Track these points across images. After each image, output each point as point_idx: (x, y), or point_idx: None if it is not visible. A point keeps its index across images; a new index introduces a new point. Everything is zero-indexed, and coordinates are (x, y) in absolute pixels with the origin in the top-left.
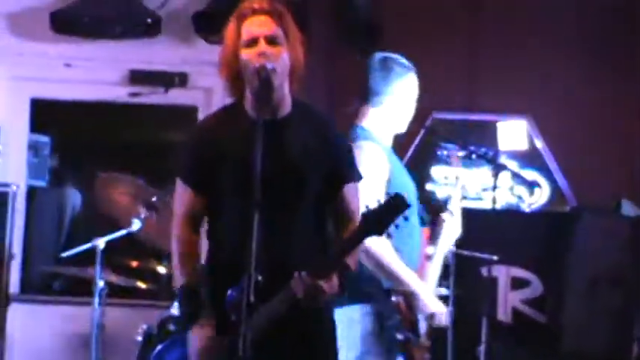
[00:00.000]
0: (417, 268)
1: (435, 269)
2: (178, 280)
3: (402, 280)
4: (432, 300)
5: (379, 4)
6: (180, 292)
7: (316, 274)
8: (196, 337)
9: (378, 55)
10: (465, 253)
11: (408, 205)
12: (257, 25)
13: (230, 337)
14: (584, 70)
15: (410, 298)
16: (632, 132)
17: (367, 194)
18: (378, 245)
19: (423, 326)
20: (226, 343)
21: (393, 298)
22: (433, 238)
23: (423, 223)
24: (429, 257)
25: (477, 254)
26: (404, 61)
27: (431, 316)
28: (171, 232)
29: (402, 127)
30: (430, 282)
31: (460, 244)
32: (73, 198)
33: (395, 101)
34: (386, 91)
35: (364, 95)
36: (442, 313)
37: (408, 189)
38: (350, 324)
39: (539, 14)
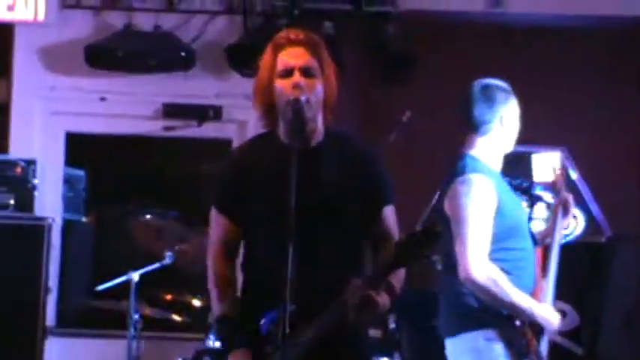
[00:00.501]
0: (533, 290)
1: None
2: (215, 310)
3: (515, 305)
4: (550, 315)
5: (411, 34)
6: (216, 321)
7: (370, 284)
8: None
9: (479, 84)
10: None
11: (438, 238)
12: (292, 56)
13: None
14: (616, 101)
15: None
16: None
17: (476, 230)
18: (484, 276)
19: (544, 348)
20: None
21: (517, 323)
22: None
23: (535, 242)
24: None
25: None
26: (504, 85)
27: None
28: (206, 262)
29: (510, 148)
30: (548, 296)
31: None
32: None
33: (502, 127)
34: (492, 118)
35: (470, 125)
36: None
37: (516, 215)
38: (477, 353)
39: (571, 47)
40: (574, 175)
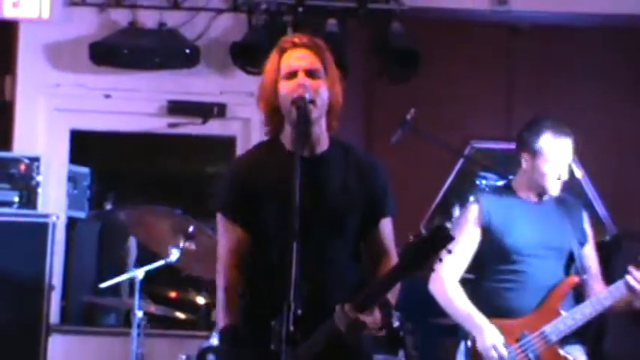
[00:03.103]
0: (521, 318)
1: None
2: (221, 319)
3: (458, 321)
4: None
5: (416, 31)
6: (222, 331)
7: (358, 308)
8: None
9: None
10: None
11: (450, 238)
12: (297, 59)
13: None
14: (617, 101)
15: None
16: None
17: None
18: (434, 291)
19: None
20: None
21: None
22: None
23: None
24: None
25: None
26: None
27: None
28: (210, 264)
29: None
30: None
31: None
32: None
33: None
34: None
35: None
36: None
37: (510, 239)
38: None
39: (576, 45)
40: (578, 173)
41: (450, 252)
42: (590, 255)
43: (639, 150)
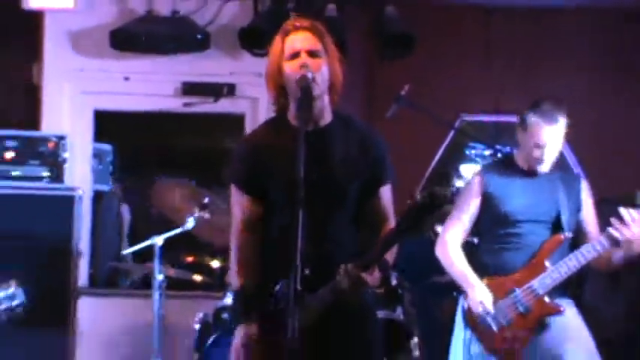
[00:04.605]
0: (512, 273)
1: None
2: (234, 283)
3: (456, 280)
4: (475, 296)
5: (411, 15)
6: (235, 294)
7: (360, 267)
8: (241, 334)
9: None
10: None
11: (445, 202)
12: (299, 41)
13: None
14: (601, 74)
15: None
16: None
17: (453, 216)
18: (439, 253)
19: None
20: (265, 347)
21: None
22: None
23: (561, 229)
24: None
25: None
26: None
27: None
28: (223, 231)
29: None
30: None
31: None
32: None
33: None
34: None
35: None
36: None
37: (505, 207)
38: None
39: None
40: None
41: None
42: (588, 220)
43: (616, 122)
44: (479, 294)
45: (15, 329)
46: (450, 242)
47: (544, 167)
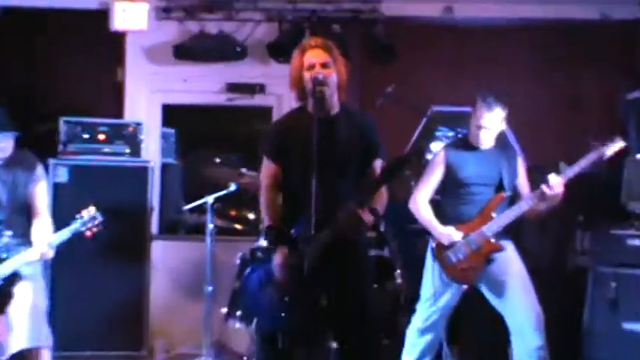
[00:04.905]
0: (468, 222)
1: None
2: (266, 222)
3: (426, 227)
4: (444, 236)
5: (393, 33)
6: (267, 229)
7: (358, 203)
8: (279, 255)
9: None
10: None
11: (407, 163)
12: (314, 56)
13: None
14: (534, 74)
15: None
16: (564, 115)
17: (422, 181)
18: (413, 208)
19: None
20: (296, 260)
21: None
22: None
23: (503, 189)
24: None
25: None
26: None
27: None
28: (257, 192)
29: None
30: (490, 227)
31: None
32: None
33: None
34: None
35: None
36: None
37: (462, 175)
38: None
39: (501, 42)
40: (504, 125)
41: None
42: (522, 183)
43: (545, 111)
44: (443, 230)
45: (105, 264)
46: (420, 199)
47: (485, 144)
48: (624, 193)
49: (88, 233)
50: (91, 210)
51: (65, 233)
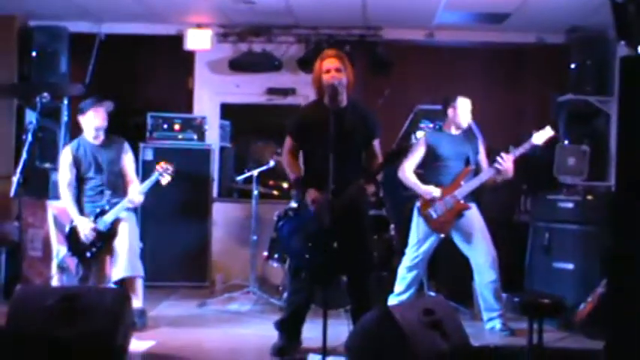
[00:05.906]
0: (443, 187)
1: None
2: (291, 176)
3: (413, 189)
4: (424, 191)
5: (390, 51)
6: (294, 180)
7: (365, 180)
8: (310, 194)
9: None
10: None
11: (406, 152)
12: (330, 63)
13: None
14: (489, 84)
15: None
16: (516, 117)
17: (408, 158)
18: (401, 176)
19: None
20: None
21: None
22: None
23: (468, 164)
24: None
25: None
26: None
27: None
28: (285, 163)
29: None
30: (434, 190)
31: None
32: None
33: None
34: (447, 106)
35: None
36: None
37: (440, 154)
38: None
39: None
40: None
41: (406, 156)
42: (482, 159)
43: (500, 109)
44: (425, 189)
45: (179, 219)
46: (407, 168)
47: (455, 131)
48: (556, 168)
49: (164, 180)
50: (163, 164)
51: (148, 182)
